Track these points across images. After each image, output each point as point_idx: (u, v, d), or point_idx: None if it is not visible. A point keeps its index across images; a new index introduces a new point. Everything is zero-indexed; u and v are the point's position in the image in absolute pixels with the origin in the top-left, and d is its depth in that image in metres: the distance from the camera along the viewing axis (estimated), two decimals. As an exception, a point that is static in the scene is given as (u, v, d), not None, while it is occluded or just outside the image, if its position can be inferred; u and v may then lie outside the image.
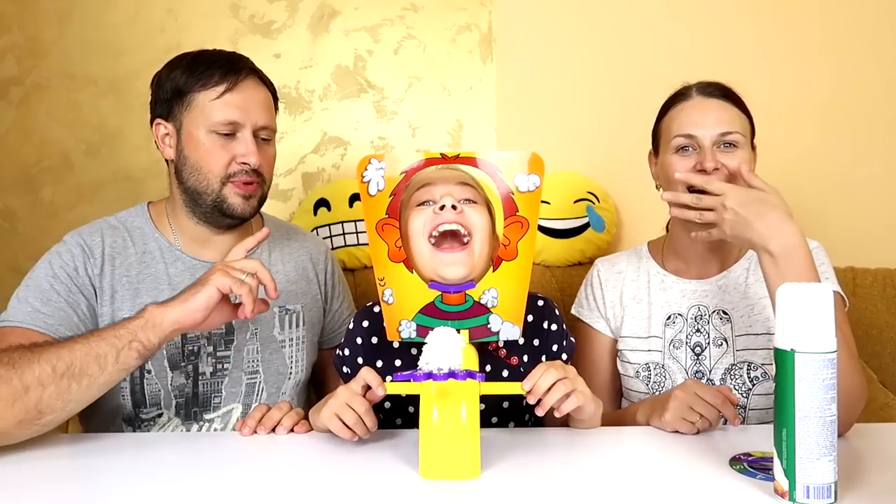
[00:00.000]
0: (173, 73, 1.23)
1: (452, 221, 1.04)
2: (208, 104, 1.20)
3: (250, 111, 1.22)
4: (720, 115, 1.24)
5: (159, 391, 1.22)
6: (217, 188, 1.22)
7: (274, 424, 1.11)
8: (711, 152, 1.21)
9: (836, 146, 1.81)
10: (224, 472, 0.98)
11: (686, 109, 1.26)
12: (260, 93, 1.25)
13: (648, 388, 1.28)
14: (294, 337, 1.32)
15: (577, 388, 0.98)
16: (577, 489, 0.89)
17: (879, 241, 1.75)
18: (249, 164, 1.21)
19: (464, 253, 1.05)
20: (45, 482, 0.94)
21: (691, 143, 1.24)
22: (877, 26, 1.80)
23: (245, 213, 1.24)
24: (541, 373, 0.97)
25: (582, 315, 1.39)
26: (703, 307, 1.28)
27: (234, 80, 1.21)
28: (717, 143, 1.22)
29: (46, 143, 1.85)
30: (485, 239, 1.07)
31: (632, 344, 1.31)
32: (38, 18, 1.84)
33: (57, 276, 1.19)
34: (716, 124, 1.23)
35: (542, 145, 1.09)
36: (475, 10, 1.87)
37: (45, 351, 1.02)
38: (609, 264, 1.40)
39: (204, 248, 1.28)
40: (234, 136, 1.21)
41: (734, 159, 1.21)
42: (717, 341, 1.26)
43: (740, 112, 1.26)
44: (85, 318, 1.19)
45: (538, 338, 1.16)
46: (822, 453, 0.80)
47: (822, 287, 0.83)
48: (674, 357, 1.27)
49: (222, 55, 1.25)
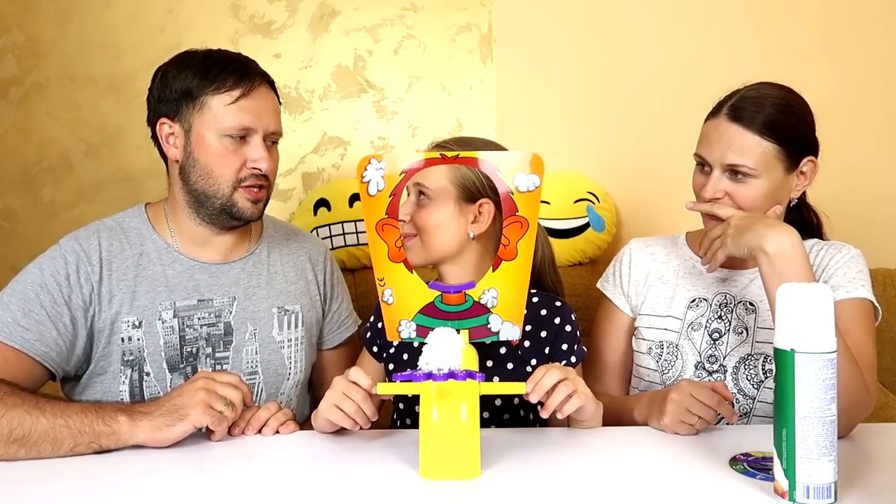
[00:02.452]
0: (182, 73, 1.22)
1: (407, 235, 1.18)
2: (222, 109, 1.20)
3: (263, 117, 1.22)
4: (735, 145, 1.20)
5: (159, 393, 1.21)
6: (228, 192, 1.22)
7: (261, 425, 1.11)
8: (717, 179, 1.22)
9: (836, 146, 1.80)
10: (224, 472, 0.98)
11: (709, 128, 1.25)
12: (271, 99, 1.25)
13: (658, 366, 1.28)
14: (293, 337, 1.32)
15: (579, 388, 0.99)
16: (577, 489, 0.89)
17: (879, 241, 1.74)
18: (261, 169, 1.22)
19: (410, 245, 1.17)
20: (44, 481, 0.94)
21: (704, 163, 1.25)
22: (876, 26, 1.80)
23: (254, 216, 1.25)
24: (542, 374, 0.97)
25: (605, 289, 1.40)
26: (729, 295, 1.29)
27: (249, 86, 1.21)
28: (726, 171, 1.22)
29: (46, 143, 1.85)
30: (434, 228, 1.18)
31: (649, 321, 1.32)
32: (38, 18, 1.84)
33: (45, 286, 1.17)
34: (727, 153, 1.20)
35: (541, 145, 1.09)
36: (475, 10, 1.87)
37: (11, 410, 1.00)
38: (643, 244, 1.40)
39: (203, 249, 1.28)
40: (245, 140, 1.22)
41: (743, 192, 1.21)
42: (738, 329, 1.26)
43: (768, 141, 1.20)
44: (65, 333, 1.17)
45: (546, 331, 1.18)
46: (822, 453, 0.80)
47: (822, 287, 0.83)
48: (689, 338, 1.28)
49: (232, 58, 1.25)
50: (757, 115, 1.20)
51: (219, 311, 1.26)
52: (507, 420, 1.19)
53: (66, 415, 1.02)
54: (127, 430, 1.02)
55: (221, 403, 1.05)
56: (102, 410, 1.03)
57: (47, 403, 1.03)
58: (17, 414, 1.00)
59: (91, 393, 1.22)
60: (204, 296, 1.26)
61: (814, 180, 1.28)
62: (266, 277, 1.32)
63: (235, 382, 1.09)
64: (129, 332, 1.21)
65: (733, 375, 1.23)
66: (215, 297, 1.27)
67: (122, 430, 1.02)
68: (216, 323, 1.26)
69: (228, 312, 1.27)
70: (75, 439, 1.01)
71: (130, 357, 1.21)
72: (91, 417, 1.02)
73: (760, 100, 1.22)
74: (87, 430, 1.01)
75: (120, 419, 1.02)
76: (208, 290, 1.27)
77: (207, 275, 1.27)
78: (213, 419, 1.04)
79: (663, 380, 1.28)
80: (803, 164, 1.25)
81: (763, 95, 1.23)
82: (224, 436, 1.07)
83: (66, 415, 1.02)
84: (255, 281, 1.31)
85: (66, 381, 1.24)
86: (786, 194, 1.26)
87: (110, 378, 1.21)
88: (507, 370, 1.17)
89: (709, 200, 1.23)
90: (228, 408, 1.06)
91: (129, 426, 1.02)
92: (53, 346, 1.16)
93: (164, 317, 1.23)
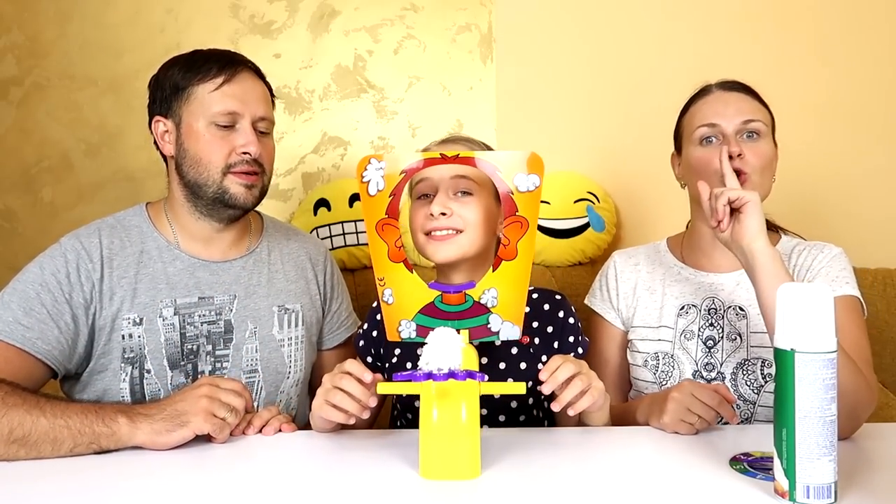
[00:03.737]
0: (170, 71, 1.25)
1: (442, 227, 1.13)
2: (207, 96, 1.21)
3: (249, 102, 1.23)
4: (741, 106, 1.26)
5: (159, 391, 1.22)
6: (218, 179, 1.22)
7: (263, 423, 1.11)
8: (735, 140, 1.23)
9: (836, 146, 1.81)
10: (224, 472, 0.98)
11: (708, 102, 1.29)
12: (258, 85, 1.27)
13: (655, 378, 1.28)
14: (293, 336, 1.32)
15: (593, 384, 0.99)
16: (578, 489, 0.89)
17: (879, 241, 1.75)
18: (250, 153, 1.22)
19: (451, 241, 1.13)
20: (44, 481, 0.94)
21: (714, 132, 1.26)
22: (876, 27, 1.80)
23: (247, 202, 1.25)
24: (558, 364, 0.97)
25: (594, 305, 1.40)
26: (717, 300, 1.29)
27: (232, 71, 1.23)
28: (739, 132, 1.24)
29: (46, 143, 1.85)
30: (478, 225, 1.13)
31: (642, 333, 1.32)
32: (38, 18, 1.84)
33: (45, 284, 1.18)
34: (738, 113, 1.25)
35: (541, 145, 1.09)
36: (475, 10, 1.87)
37: (11, 410, 1.01)
38: (626, 256, 1.41)
39: (205, 247, 1.28)
40: (233, 127, 1.23)
41: (757, 150, 1.23)
42: (731, 335, 1.26)
43: (761, 105, 1.28)
44: (66, 331, 1.18)
45: (552, 326, 1.19)
46: (822, 453, 0.80)
47: (822, 287, 0.83)
48: (684, 348, 1.28)
49: (218, 51, 1.27)
50: (746, 87, 1.30)
51: (219, 308, 1.27)
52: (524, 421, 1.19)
53: (66, 415, 1.02)
54: (127, 432, 1.02)
55: (224, 410, 1.05)
56: (102, 411, 1.03)
57: (48, 403, 1.03)
58: (18, 414, 1.01)
59: (91, 390, 1.22)
60: (205, 293, 1.26)
61: None
62: (267, 276, 1.32)
63: (238, 389, 1.09)
64: (129, 330, 1.21)
65: (732, 382, 1.23)
66: (216, 295, 1.27)
67: (122, 432, 1.02)
68: (217, 321, 1.26)
69: (229, 310, 1.27)
70: (75, 440, 1.01)
71: (131, 354, 1.21)
72: (91, 418, 1.02)
73: (735, 80, 1.31)
74: (87, 430, 1.01)
75: (120, 420, 1.02)
76: (209, 288, 1.27)
77: (208, 272, 1.27)
78: (215, 427, 1.04)
79: None
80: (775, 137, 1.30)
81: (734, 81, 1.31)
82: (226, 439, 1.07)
83: (67, 415, 1.02)
84: (255, 279, 1.31)
85: (66, 378, 1.24)
86: (775, 168, 1.28)
87: (111, 375, 1.21)
88: (520, 370, 1.16)
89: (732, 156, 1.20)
90: (231, 414, 1.06)
91: (129, 428, 1.02)
92: (55, 345, 1.16)
93: (165, 314, 1.23)
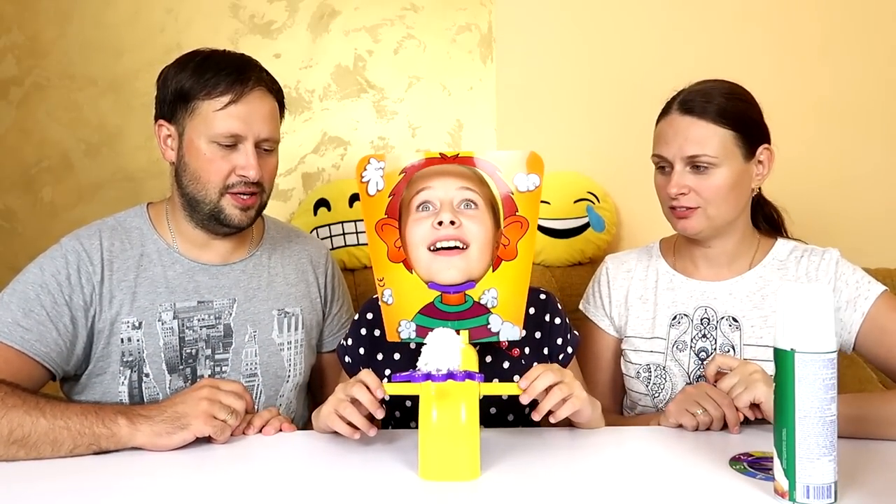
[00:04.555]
0: (180, 73, 1.21)
1: (451, 238, 1.05)
2: (211, 114, 1.19)
3: (253, 123, 1.20)
4: (692, 136, 1.20)
5: (158, 395, 1.21)
6: (215, 199, 1.21)
7: (263, 423, 1.11)
8: (681, 174, 1.21)
9: (836, 146, 1.81)
10: (224, 472, 0.98)
11: (663, 126, 1.25)
12: (265, 104, 1.23)
13: (648, 390, 1.28)
14: (292, 340, 1.32)
15: (574, 392, 0.97)
16: (577, 489, 0.89)
17: (879, 241, 1.74)
18: (249, 177, 1.20)
19: (459, 258, 1.05)
20: (44, 481, 0.94)
21: (664, 162, 1.24)
22: (877, 26, 1.80)
23: (242, 223, 1.24)
24: (537, 373, 0.96)
25: (588, 311, 1.39)
26: (710, 310, 1.27)
27: (240, 91, 1.19)
28: (687, 165, 1.21)
29: (46, 143, 1.85)
30: (484, 244, 1.07)
31: (635, 344, 1.31)
32: (38, 18, 1.84)
33: (45, 285, 1.17)
34: (685, 145, 1.20)
35: (542, 145, 1.08)
36: (475, 10, 1.86)
37: (11, 411, 1.01)
38: (618, 262, 1.39)
39: (203, 251, 1.28)
40: (235, 147, 1.20)
41: (707, 184, 1.20)
42: (725, 347, 1.25)
43: (724, 128, 1.20)
44: (66, 333, 1.17)
45: (540, 331, 1.16)
46: (822, 453, 0.80)
47: (822, 287, 0.83)
48: (676, 359, 1.26)
49: (232, 61, 1.22)
50: (708, 105, 1.21)
51: (219, 312, 1.26)
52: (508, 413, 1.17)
53: (65, 416, 1.02)
54: (126, 433, 1.02)
55: (224, 412, 1.05)
56: (102, 412, 1.03)
57: (47, 404, 1.03)
58: (18, 415, 1.00)
59: (90, 393, 1.22)
60: (204, 297, 1.26)
61: (771, 169, 1.26)
62: (266, 279, 1.32)
63: (239, 391, 1.09)
64: (128, 333, 1.21)
65: None
66: (215, 299, 1.27)
67: (122, 433, 1.02)
68: (216, 325, 1.26)
69: (228, 314, 1.27)
70: (75, 441, 1.01)
71: (130, 358, 1.21)
72: (91, 419, 1.02)
73: (708, 91, 1.23)
74: (87, 431, 1.01)
75: (120, 422, 1.02)
76: (208, 292, 1.26)
77: (208, 276, 1.27)
78: (215, 429, 1.04)
79: (655, 403, 1.27)
80: (760, 152, 1.25)
81: (710, 87, 1.24)
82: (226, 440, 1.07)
83: (66, 416, 1.02)
84: (255, 283, 1.30)
85: (65, 380, 1.24)
86: (748, 184, 1.25)
87: (109, 378, 1.21)
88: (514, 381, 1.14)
89: (674, 197, 1.21)
90: (231, 416, 1.06)
91: (129, 429, 1.02)
92: (54, 347, 1.16)
93: (164, 318, 1.23)
